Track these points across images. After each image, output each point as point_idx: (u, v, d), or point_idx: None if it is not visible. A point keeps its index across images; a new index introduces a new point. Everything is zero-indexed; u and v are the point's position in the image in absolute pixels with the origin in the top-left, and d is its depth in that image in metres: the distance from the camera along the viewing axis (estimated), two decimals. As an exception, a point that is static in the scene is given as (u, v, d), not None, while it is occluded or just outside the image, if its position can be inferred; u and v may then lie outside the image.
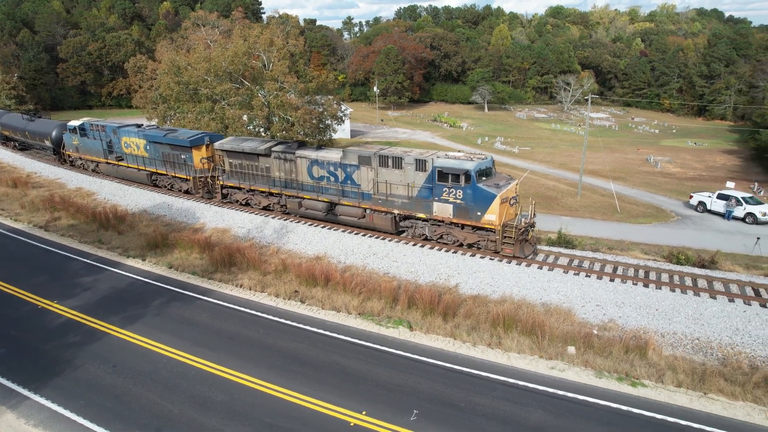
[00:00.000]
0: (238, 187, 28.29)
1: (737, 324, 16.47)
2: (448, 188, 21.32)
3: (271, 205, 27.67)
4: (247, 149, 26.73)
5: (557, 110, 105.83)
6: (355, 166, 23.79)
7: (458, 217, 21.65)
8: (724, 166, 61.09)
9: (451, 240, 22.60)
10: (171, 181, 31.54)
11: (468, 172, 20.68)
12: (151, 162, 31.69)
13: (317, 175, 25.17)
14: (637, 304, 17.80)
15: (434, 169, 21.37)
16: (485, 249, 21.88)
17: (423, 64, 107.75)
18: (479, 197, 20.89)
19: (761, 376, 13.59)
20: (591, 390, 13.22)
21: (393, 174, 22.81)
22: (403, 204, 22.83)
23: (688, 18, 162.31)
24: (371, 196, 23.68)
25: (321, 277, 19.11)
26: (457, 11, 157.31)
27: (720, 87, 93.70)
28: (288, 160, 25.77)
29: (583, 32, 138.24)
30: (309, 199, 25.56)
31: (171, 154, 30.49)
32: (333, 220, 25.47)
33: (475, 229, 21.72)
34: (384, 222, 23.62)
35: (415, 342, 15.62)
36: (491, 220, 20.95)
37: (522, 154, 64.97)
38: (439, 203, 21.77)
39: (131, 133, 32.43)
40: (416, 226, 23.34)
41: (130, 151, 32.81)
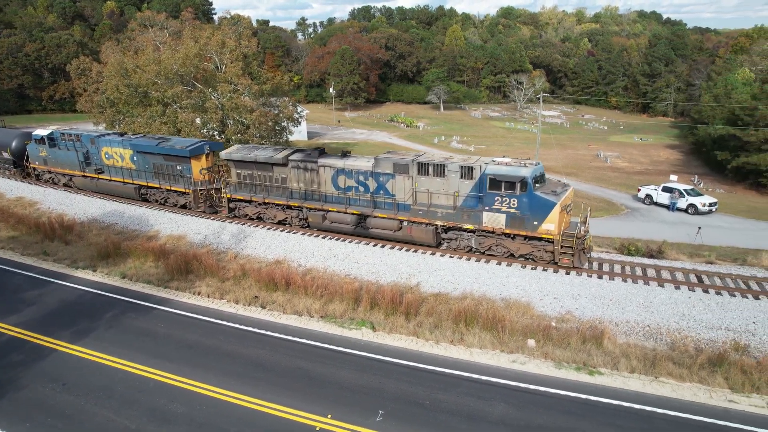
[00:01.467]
0: (249, 201, 25.84)
1: (683, 310, 17.31)
2: (501, 197, 19.95)
3: (288, 219, 25.44)
4: (260, 158, 24.44)
5: (511, 109, 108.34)
6: (389, 174, 22.14)
7: (512, 228, 20.29)
8: (668, 160, 64.15)
9: (500, 252, 21.25)
10: (165, 195, 28.77)
11: (524, 179, 19.40)
12: (140, 174, 28.77)
13: (344, 186, 23.32)
14: (592, 295, 18.42)
15: (485, 177, 20.00)
16: (539, 260, 20.65)
17: (378, 65, 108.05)
18: (536, 206, 19.59)
19: (705, 357, 14.32)
20: (551, 381, 13.58)
21: (434, 182, 21.29)
22: (448, 215, 21.28)
23: (630, 19, 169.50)
24: (409, 207, 22.05)
25: (282, 282, 18.85)
26: (410, 12, 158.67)
27: (661, 85, 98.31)
28: (309, 170, 23.77)
29: (533, 32, 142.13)
30: (335, 211, 23.56)
31: (165, 165, 27.75)
32: (363, 234, 23.61)
33: (528, 239, 20.51)
34: (425, 234, 22.00)
35: (378, 342, 15.64)
36: (549, 230, 19.66)
37: (478, 152, 66.14)
38: (490, 213, 20.38)
39: (114, 142, 29.41)
40: (461, 237, 21.80)
41: (112, 162, 29.71)
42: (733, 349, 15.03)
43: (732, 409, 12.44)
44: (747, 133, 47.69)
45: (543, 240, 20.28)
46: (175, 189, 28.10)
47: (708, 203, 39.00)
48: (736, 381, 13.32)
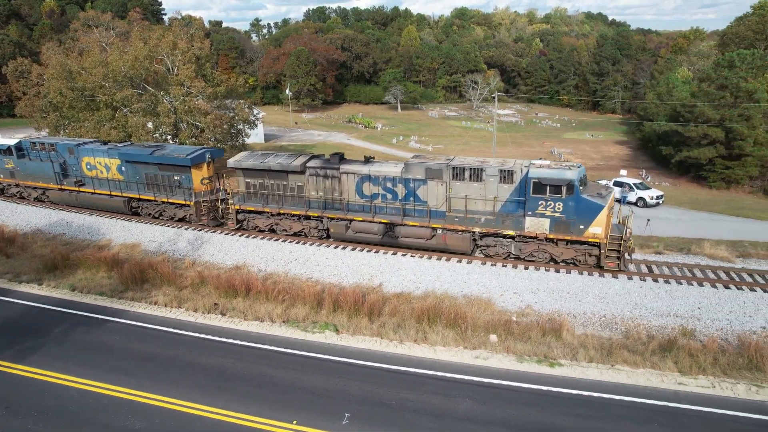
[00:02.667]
0: (260, 212, 24.31)
1: (636, 299, 18.03)
2: (546, 201, 19.27)
3: (305, 230, 24.08)
4: (275, 166, 23.00)
5: (467, 108, 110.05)
6: (420, 180, 21.24)
7: (556, 232, 19.69)
8: (618, 156, 66.68)
9: (542, 257, 20.70)
10: (160, 208, 26.82)
11: (571, 182, 18.80)
12: (129, 186, 26.77)
13: (369, 193, 22.24)
14: (551, 288, 18.93)
15: (528, 181, 19.26)
16: (583, 264, 20.31)
17: (335, 66, 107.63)
18: (583, 209, 19.06)
19: (657, 344, 14.96)
20: (514, 375, 13.85)
21: (471, 188, 20.51)
22: (487, 221, 20.51)
23: (579, 20, 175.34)
24: (444, 214, 21.20)
25: (241, 288, 18.48)
26: (366, 13, 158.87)
27: (609, 84, 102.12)
28: (329, 177, 22.64)
29: (487, 33, 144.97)
30: (361, 221, 22.49)
31: (160, 175, 25.83)
32: (391, 244, 22.55)
33: (571, 243, 20.06)
34: (461, 242, 21.17)
35: (342, 345, 15.56)
36: (596, 233, 19.23)
37: (436, 152, 66.84)
38: (533, 218, 19.69)
39: (97, 152, 27.26)
40: (499, 244, 21.08)
41: (95, 174, 27.57)
42: (682, 334, 15.78)
43: (681, 391, 13.04)
44: (688, 129, 50.14)
45: (588, 244, 19.84)
46: (173, 201, 26.02)
47: (655, 196, 40.78)
48: (685, 364, 13.97)
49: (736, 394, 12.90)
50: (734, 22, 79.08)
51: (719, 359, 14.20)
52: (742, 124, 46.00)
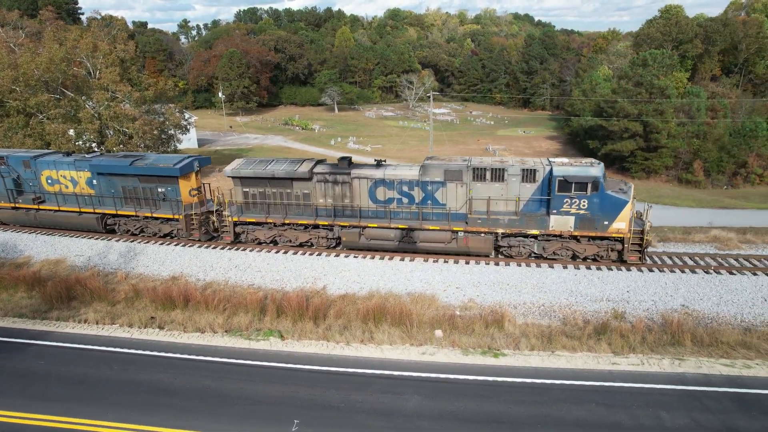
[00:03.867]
0: (262, 222, 22.75)
1: (571, 287, 18.90)
2: (571, 198, 19.30)
3: (312, 240, 22.82)
4: (279, 173, 21.61)
5: (403, 108, 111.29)
6: (439, 183, 20.66)
7: (581, 229, 19.77)
8: (548, 150, 69.68)
9: (565, 255, 20.75)
10: (142, 224, 24.49)
11: (596, 179, 18.91)
12: (103, 201, 24.40)
13: (383, 198, 21.39)
14: (491, 281, 19.48)
15: (554, 179, 19.22)
16: (606, 260, 20.45)
17: (269, 68, 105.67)
18: (608, 205, 19.24)
19: (592, 328, 15.77)
20: (460, 368, 14.13)
21: (492, 188, 20.19)
22: (511, 221, 20.23)
23: (507, 21, 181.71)
24: (464, 216, 20.77)
25: (180, 299, 17.72)
26: (298, 14, 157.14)
27: (538, 81, 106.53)
28: (339, 183, 21.54)
29: (420, 33, 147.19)
30: (376, 227, 21.45)
31: (141, 188, 23.69)
32: (409, 250, 21.76)
33: (594, 239, 20.18)
34: (484, 244, 20.75)
35: (288, 351, 15.27)
36: (620, 229, 19.45)
37: (375, 152, 67.16)
38: (558, 216, 19.64)
39: (61, 164, 24.62)
40: (523, 243, 20.83)
41: (58, 188, 24.95)
42: (613, 317, 16.70)
43: (615, 370, 13.79)
44: (611, 124, 53.21)
45: (611, 239, 20.03)
46: (158, 216, 23.81)
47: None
48: (617, 345, 14.80)
49: (662, 368, 13.81)
50: (645, 25, 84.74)
51: (647, 338, 15.16)
52: (657, 118, 49.34)
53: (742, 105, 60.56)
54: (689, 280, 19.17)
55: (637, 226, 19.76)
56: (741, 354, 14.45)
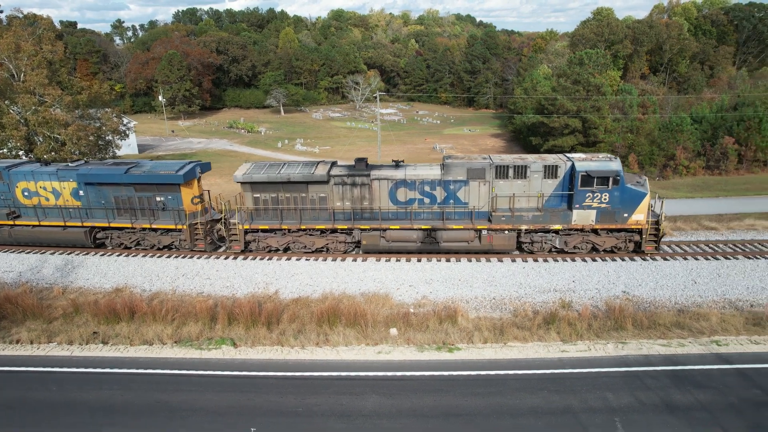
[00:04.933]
0: (276, 229, 21.82)
1: (520, 279, 19.47)
2: (593, 192, 19.86)
3: (329, 245, 22.13)
4: (295, 177, 20.90)
5: (350, 109, 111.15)
6: (461, 181, 20.66)
7: (602, 222, 20.35)
8: (494, 148, 71.46)
9: (585, 248, 21.26)
10: (138, 236, 22.98)
11: (618, 173, 19.58)
12: (92, 213, 22.71)
13: (404, 199, 21.18)
14: (443, 278, 19.77)
15: (576, 174, 19.76)
16: (624, 251, 21.17)
17: (211, 70, 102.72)
18: (628, 198, 19.93)
19: (541, 318, 16.30)
20: (416, 365, 14.24)
21: (515, 185, 20.48)
22: (535, 217, 20.49)
23: (450, 22, 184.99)
24: (486, 214, 20.87)
25: (125, 311, 16.93)
26: (240, 14, 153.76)
27: (481, 81, 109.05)
28: (357, 185, 21.11)
29: (364, 34, 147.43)
30: (398, 229, 21.14)
31: (137, 197, 22.24)
32: (431, 250, 21.56)
33: (613, 231, 20.82)
34: (507, 241, 20.89)
35: (242, 358, 14.90)
36: (639, 220, 20.24)
37: (323, 153, 66.72)
38: (581, 210, 20.13)
39: (40, 174, 22.68)
40: (545, 239, 21.17)
41: (36, 201, 23.01)
42: (561, 306, 17.34)
43: (565, 357, 14.33)
44: (552, 120, 55.20)
45: (630, 231, 20.72)
46: (156, 227, 22.35)
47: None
48: (566, 333, 15.38)
49: (607, 352, 14.47)
50: (580, 26, 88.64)
51: (593, 324, 15.83)
52: (594, 115, 51.64)
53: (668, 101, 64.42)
54: (629, 268, 20.19)
55: (652, 218, 20.72)
56: (676, 334, 15.35)
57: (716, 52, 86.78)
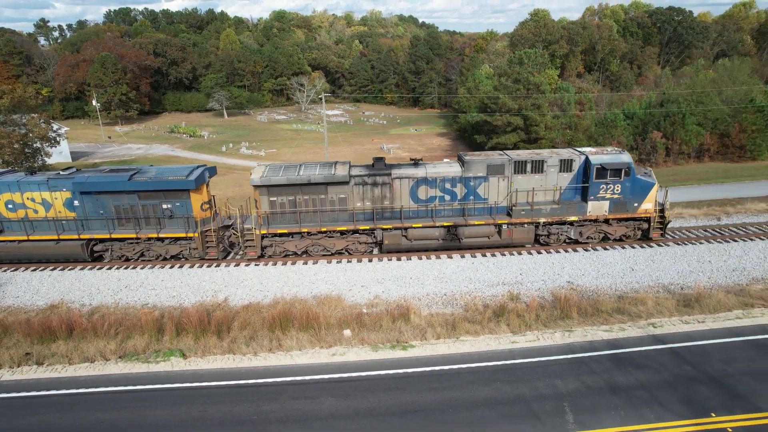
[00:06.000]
0: (295, 233, 21.33)
1: (470, 274, 19.89)
2: (606, 184, 20.77)
3: (350, 246, 21.83)
4: (316, 178, 20.43)
5: (296, 111, 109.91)
6: (481, 178, 21.06)
7: (614, 212, 21.36)
8: (440, 147, 72.62)
9: (597, 237, 22.17)
10: (143, 247, 21.72)
11: (629, 165, 20.61)
12: (89, 224, 21.36)
13: (425, 197, 21.30)
14: (395, 276, 19.90)
15: (591, 167, 20.58)
16: (632, 239, 22.24)
17: (149, 73, 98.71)
18: (638, 188, 20.98)
19: (491, 311, 16.72)
20: (371, 364, 14.26)
21: (533, 180, 21.14)
22: (552, 210, 21.19)
23: (393, 23, 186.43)
24: (504, 209, 21.51)
25: (62, 328, 15.99)
26: (178, 15, 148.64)
27: (426, 81, 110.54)
28: (378, 185, 21.01)
29: (308, 35, 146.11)
30: (420, 227, 21.17)
31: (140, 206, 21.03)
32: (453, 247, 21.82)
33: (623, 221, 21.81)
34: (526, 234, 21.54)
35: (192, 369, 14.42)
36: (647, 209, 21.42)
37: (269, 156, 65.66)
38: (595, 202, 21.09)
39: (27, 185, 21.00)
40: (561, 231, 21.94)
41: (23, 214, 21.39)
42: (510, 299, 17.85)
43: (515, 348, 14.76)
44: (495, 119, 56.70)
45: (639, 220, 21.82)
46: (165, 236, 21.19)
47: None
48: (515, 325, 15.85)
49: (555, 341, 15.03)
50: (518, 27, 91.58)
51: (540, 315, 16.39)
52: (535, 112, 53.47)
53: (603, 99, 67.65)
54: (572, 259, 21.05)
55: (659, 206, 21.97)
56: (617, 319, 16.15)
57: (643, 53, 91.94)
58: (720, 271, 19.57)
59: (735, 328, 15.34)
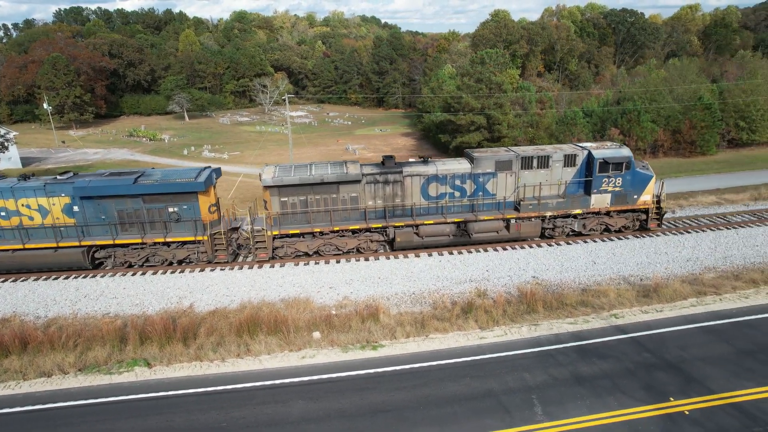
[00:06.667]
0: (307, 233, 21.17)
1: (438, 272, 20.07)
2: (608, 178, 21.53)
3: (362, 244, 21.84)
4: (329, 177, 20.33)
5: (259, 112, 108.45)
6: (490, 174, 21.47)
7: (616, 204, 22.12)
8: (405, 146, 72.97)
9: (599, 229, 22.92)
10: (149, 252, 21.01)
11: (630, 158, 21.47)
12: (89, 231, 20.57)
13: (435, 194, 21.48)
14: (363, 277, 19.89)
15: (594, 161, 21.31)
16: (631, 230, 23.12)
17: (104, 75, 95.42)
18: (637, 181, 21.82)
19: (459, 308, 16.90)
20: (341, 365, 14.20)
21: (538, 175, 21.68)
22: (558, 204, 21.80)
23: (355, 23, 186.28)
24: (512, 204, 22.02)
25: (14, 343, 15.27)
26: (134, 15, 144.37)
27: (389, 81, 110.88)
28: (389, 183, 21.11)
29: (270, 36, 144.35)
30: (432, 224, 21.42)
31: (145, 209, 20.36)
32: (463, 243, 22.13)
33: (622, 212, 22.63)
34: (533, 228, 22.03)
35: (157, 378, 14.03)
36: (646, 201, 22.29)
37: (233, 159, 64.58)
38: (598, 194, 21.79)
39: (21, 191, 20.04)
40: (565, 224, 22.52)
41: (17, 222, 20.39)
42: (477, 295, 18.09)
43: (483, 344, 14.97)
44: (458, 118, 57.37)
45: (638, 211, 22.72)
46: (173, 240, 20.58)
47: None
48: (483, 320, 16.08)
49: (522, 335, 15.33)
50: (480, 27, 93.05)
51: (507, 310, 16.69)
52: (498, 111, 54.39)
53: (562, 97, 69.43)
54: (537, 254, 21.51)
55: (656, 197, 23.01)
56: (581, 312, 16.60)
57: (599, 53, 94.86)
58: (676, 262, 20.38)
59: (690, 316, 16.01)
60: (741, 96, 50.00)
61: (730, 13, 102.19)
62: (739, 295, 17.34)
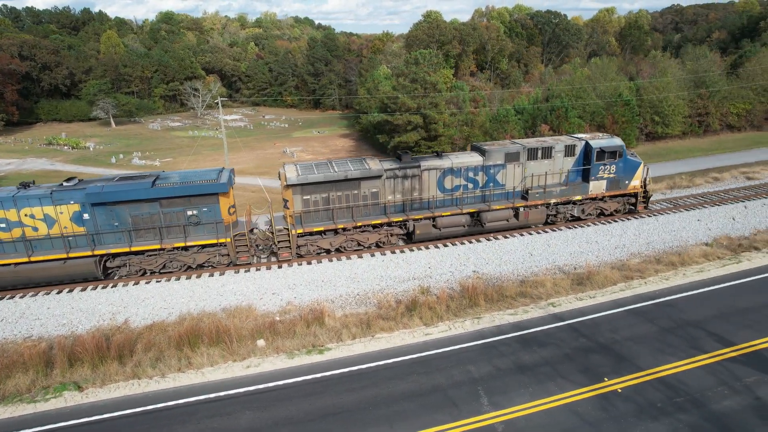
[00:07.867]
0: (330, 230, 21.32)
1: (381, 272, 20.16)
2: (605, 165, 23.26)
3: (382, 239, 22.39)
4: (352, 174, 20.76)
5: (191, 117, 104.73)
6: (500, 165, 22.58)
7: (610, 190, 23.97)
8: (344, 148, 72.83)
9: (595, 213, 24.63)
10: (167, 258, 20.23)
11: (623, 147, 23.52)
12: (101, 238, 19.52)
13: (450, 186, 22.40)
14: (306, 281, 19.65)
15: (592, 151, 22.97)
16: (624, 212, 25.02)
17: (15, 79, 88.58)
18: (629, 168, 23.78)
19: (404, 306, 17.07)
20: (288, 372, 13.96)
21: (543, 165, 22.98)
22: (561, 191, 23.31)
23: (289, 24, 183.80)
24: (521, 193, 23.25)
25: (-76, 374, 13.89)
26: (46, 14, 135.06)
27: (325, 82, 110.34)
28: (408, 177, 21.78)
29: (199, 38, 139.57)
30: (449, 215, 22.35)
31: (162, 214, 19.58)
32: (476, 232, 23.23)
33: (615, 197, 24.51)
34: (540, 215, 23.44)
35: (90, 402, 13.19)
36: (635, 186, 24.37)
37: (165, 165, 61.98)
38: (596, 181, 23.49)
39: (24, 200, 18.57)
40: (566, 210, 24.02)
41: (19, 233, 18.88)
42: (420, 292, 18.34)
43: (429, 340, 15.19)
44: (395, 118, 57.94)
45: (628, 195, 24.65)
46: (193, 244, 20.05)
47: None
48: (427, 317, 16.31)
49: (465, 329, 15.68)
50: (413, 28, 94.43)
51: (450, 305, 17.02)
52: (433, 111, 55.40)
53: (495, 96, 71.74)
54: (476, 249, 22.09)
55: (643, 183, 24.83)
56: (520, 303, 17.21)
57: (528, 52, 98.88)
58: (605, 250, 21.57)
59: (619, 300, 17.00)
60: (655, 93, 53.72)
61: (642, 16, 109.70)
62: (661, 277, 18.61)
